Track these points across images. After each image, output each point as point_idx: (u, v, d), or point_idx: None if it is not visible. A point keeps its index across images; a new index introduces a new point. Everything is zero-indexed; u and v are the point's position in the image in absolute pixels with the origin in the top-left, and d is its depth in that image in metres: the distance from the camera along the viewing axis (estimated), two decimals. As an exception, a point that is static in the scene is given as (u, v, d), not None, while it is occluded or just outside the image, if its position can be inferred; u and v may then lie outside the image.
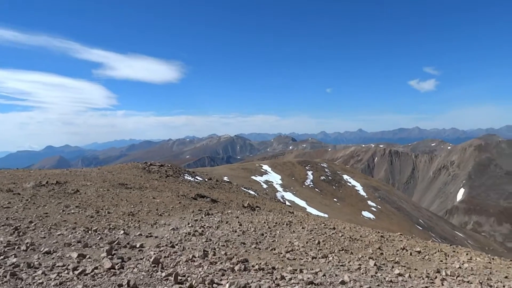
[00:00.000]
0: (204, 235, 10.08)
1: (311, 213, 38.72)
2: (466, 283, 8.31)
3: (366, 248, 10.90)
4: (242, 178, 57.57)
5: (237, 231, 11.04)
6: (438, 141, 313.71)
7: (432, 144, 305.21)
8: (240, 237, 10.34)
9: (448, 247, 14.71)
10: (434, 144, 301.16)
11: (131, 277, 6.02)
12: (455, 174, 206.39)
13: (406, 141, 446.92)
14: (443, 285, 7.69)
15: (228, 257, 7.83)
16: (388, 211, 70.92)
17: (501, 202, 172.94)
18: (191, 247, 8.66)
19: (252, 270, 7.04)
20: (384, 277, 7.59)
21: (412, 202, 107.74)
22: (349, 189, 78.14)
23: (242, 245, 9.36)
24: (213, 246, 8.92)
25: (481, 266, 10.91)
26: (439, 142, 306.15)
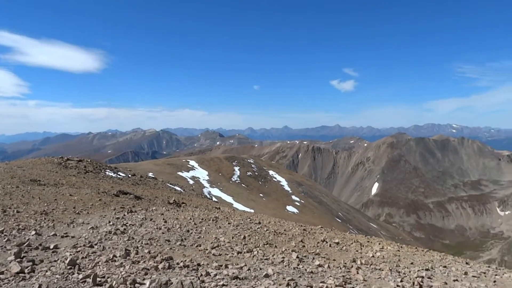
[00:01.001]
0: (126, 234, 9.68)
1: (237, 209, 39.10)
2: (378, 270, 8.99)
3: (290, 241, 11.31)
4: (168, 174, 56.26)
5: (161, 229, 10.77)
6: (356, 139, 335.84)
7: (351, 141, 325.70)
8: (165, 234, 10.10)
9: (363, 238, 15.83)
10: (352, 141, 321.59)
11: (43, 281, 5.57)
12: (371, 169, 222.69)
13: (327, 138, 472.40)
14: (358, 273, 8.25)
15: (151, 256, 7.60)
16: (311, 205, 74.34)
17: (409, 195, 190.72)
18: (112, 246, 8.26)
19: (176, 268, 6.92)
20: (306, 269, 7.93)
21: (332, 196, 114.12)
22: (275, 184, 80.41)
23: (167, 243, 9.16)
24: (136, 245, 8.59)
25: (391, 254, 11.91)
26: (357, 140, 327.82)
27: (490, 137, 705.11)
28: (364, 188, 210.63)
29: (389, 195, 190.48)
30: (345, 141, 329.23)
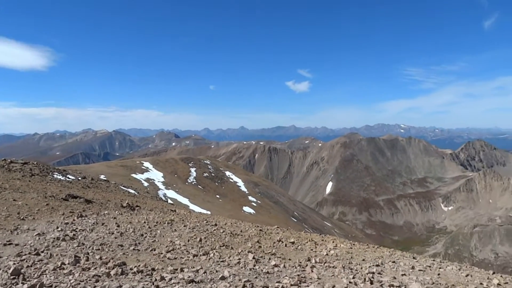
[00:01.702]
0: (76, 239, 9.26)
1: (194, 211, 38.64)
2: (332, 268, 9.25)
3: (246, 242, 11.35)
4: (121, 176, 54.48)
5: (114, 233, 10.41)
6: (311, 139, 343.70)
7: (306, 141, 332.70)
8: (118, 239, 9.78)
9: (318, 237, 16.22)
10: (307, 141, 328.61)
11: (-18, 294, 5.21)
12: (325, 169, 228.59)
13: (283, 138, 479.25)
14: (313, 271, 8.45)
15: (103, 262, 7.33)
16: (267, 206, 75.05)
17: (361, 193, 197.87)
18: (60, 253, 7.86)
19: (130, 273, 6.72)
20: (262, 269, 8.00)
21: (288, 196, 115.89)
22: (231, 185, 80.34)
23: (120, 248, 8.87)
24: (86, 251, 8.25)
25: (344, 251, 12.30)
26: (312, 140, 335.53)
27: (435, 137, 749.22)
28: (319, 187, 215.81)
29: (343, 193, 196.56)
30: (301, 141, 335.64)
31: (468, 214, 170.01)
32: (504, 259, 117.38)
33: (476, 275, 11.97)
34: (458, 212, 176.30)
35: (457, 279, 10.55)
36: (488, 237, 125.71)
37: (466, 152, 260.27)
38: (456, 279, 10.54)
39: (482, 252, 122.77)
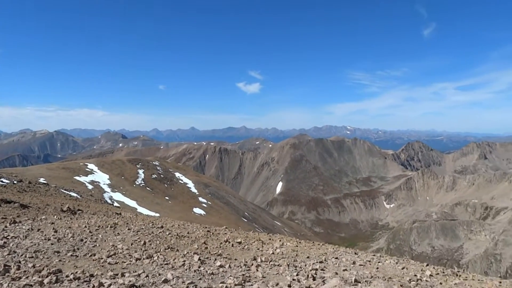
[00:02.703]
0: (6, 247, 8.65)
1: (141, 213, 37.60)
2: (277, 266, 9.41)
3: (192, 244, 11.23)
4: (63, 179, 51.65)
5: (50, 239, 9.85)
6: (262, 140, 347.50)
7: (256, 142, 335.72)
8: (54, 245, 9.26)
9: (266, 236, 16.42)
10: (258, 142, 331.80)
11: None
12: (275, 169, 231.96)
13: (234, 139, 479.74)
14: (258, 270, 8.54)
15: (36, 270, 6.91)
16: (218, 206, 74.71)
17: (310, 192, 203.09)
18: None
19: (65, 281, 6.39)
20: (207, 270, 7.95)
21: (239, 197, 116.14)
22: (181, 186, 79.06)
23: (56, 254, 8.41)
24: (18, 259, 7.73)
25: (290, 249, 12.56)
26: (262, 141, 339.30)
27: (378, 138, 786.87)
28: (269, 187, 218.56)
29: (292, 193, 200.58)
30: (251, 142, 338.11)
31: (408, 211, 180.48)
32: (439, 252, 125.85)
33: (411, 267, 12.75)
34: (399, 209, 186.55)
35: (394, 272, 11.17)
36: (425, 232, 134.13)
37: (406, 152, 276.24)
38: (393, 272, 11.16)
39: (420, 246, 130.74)
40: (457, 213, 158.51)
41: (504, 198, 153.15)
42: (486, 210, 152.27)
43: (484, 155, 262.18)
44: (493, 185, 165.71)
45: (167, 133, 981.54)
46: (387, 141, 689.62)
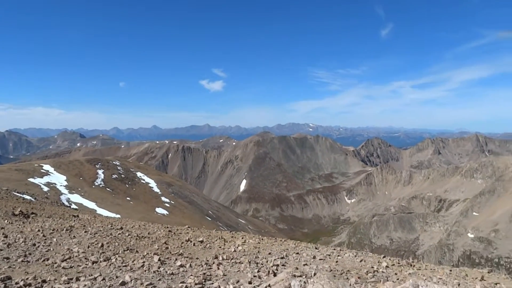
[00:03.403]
0: (-50, 255, 8.13)
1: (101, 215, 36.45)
2: (238, 263, 9.45)
3: (153, 245, 11.04)
4: (15, 181, 49.05)
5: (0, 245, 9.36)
6: (225, 138, 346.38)
7: (220, 140, 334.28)
8: (4, 251, 8.81)
9: (228, 234, 16.42)
10: (222, 140, 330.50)
11: None
12: (239, 167, 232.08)
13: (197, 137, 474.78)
14: (219, 269, 8.54)
15: (-17, 278, 6.54)
16: (181, 206, 73.76)
17: (273, 190, 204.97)
18: None
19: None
20: (166, 271, 7.86)
21: (203, 195, 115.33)
22: (143, 186, 77.36)
23: (6, 261, 8.00)
24: (-38, 267, 7.29)
25: (252, 246, 12.65)
26: (226, 139, 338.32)
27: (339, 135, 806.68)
28: (233, 185, 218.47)
29: (256, 190, 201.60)
30: (215, 140, 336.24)
31: (368, 205, 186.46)
32: (397, 244, 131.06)
33: (369, 260, 13.22)
34: (359, 204, 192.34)
35: (352, 264, 11.54)
36: (384, 225, 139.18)
37: (366, 149, 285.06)
38: (352, 264, 11.52)
39: (379, 239, 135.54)
40: (414, 206, 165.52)
41: (456, 191, 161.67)
42: (440, 203, 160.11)
43: (438, 150, 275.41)
44: (446, 179, 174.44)
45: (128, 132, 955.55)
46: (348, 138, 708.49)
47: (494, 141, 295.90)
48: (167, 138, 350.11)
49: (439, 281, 10.76)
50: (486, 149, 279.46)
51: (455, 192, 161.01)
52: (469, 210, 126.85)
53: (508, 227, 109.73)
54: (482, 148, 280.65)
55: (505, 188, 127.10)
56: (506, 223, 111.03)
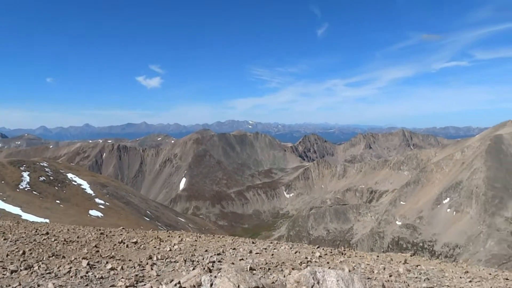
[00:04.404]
0: None
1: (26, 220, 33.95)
2: (174, 262, 9.30)
3: (82, 249, 10.49)
4: None
5: None
6: (164, 136, 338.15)
7: (158, 138, 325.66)
8: None
9: (165, 233, 16.09)
10: (160, 139, 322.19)
11: None
12: (178, 165, 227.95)
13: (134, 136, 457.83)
14: (152, 269, 8.34)
15: None
16: (117, 207, 70.83)
17: (214, 187, 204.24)
18: None
19: None
20: (95, 275, 7.51)
21: (140, 195, 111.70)
22: (75, 188, 73.12)
23: None
24: None
25: (189, 245, 12.51)
26: (164, 137, 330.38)
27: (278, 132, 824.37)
28: (172, 184, 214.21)
29: (196, 188, 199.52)
30: (153, 139, 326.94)
31: (306, 199, 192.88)
32: (333, 234, 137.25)
33: (303, 251, 13.70)
34: (298, 198, 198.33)
35: (287, 256, 11.88)
36: (321, 217, 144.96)
37: (303, 145, 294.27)
38: (287, 256, 11.86)
39: (317, 230, 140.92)
40: (348, 198, 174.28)
41: (385, 182, 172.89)
42: (372, 194, 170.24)
43: (369, 145, 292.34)
44: (376, 172, 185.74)
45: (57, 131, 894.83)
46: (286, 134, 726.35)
47: (418, 136, 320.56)
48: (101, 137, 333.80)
49: (367, 267, 11.47)
50: (411, 143, 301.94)
51: (385, 184, 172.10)
52: (397, 199, 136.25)
53: (431, 214, 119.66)
54: (408, 142, 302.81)
55: (427, 178, 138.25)
56: (429, 210, 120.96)
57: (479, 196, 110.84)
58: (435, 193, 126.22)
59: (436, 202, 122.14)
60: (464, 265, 17.64)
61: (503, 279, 13.08)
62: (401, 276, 10.34)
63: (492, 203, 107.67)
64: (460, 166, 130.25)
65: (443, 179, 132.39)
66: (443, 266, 14.48)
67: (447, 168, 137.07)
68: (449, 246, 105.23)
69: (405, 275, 10.63)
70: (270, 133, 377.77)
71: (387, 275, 10.19)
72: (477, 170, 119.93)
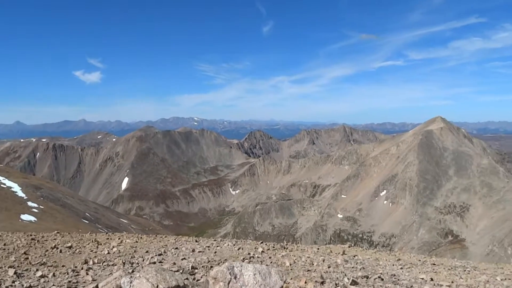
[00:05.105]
0: None
1: None
2: (111, 266, 8.96)
3: (8, 257, 9.77)
4: None
5: None
6: (104, 134, 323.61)
7: (98, 136, 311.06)
8: None
9: (104, 236, 15.46)
10: (100, 137, 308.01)
11: None
12: (120, 164, 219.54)
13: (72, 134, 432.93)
14: (88, 274, 7.97)
15: None
16: (53, 210, 66.64)
17: (158, 186, 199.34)
18: None
19: None
20: (23, 284, 7.04)
21: (78, 197, 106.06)
22: (4, 191, 67.63)
23: None
24: None
25: (129, 246, 12.12)
26: (105, 135, 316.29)
27: (224, 128, 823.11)
28: (114, 184, 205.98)
29: (139, 188, 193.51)
30: (92, 137, 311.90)
31: (252, 195, 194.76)
32: (279, 229, 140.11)
33: (246, 247, 13.85)
34: (243, 194, 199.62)
35: (230, 253, 11.93)
36: (266, 213, 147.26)
37: (249, 141, 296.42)
38: (230, 253, 11.92)
39: (262, 226, 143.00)
40: (292, 193, 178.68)
41: (328, 177, 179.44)
42: (315, 188, 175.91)
43: (313, 141, 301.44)
44: (319, 167, 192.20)
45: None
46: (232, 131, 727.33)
47: (358, 131, 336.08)
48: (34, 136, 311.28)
49: (307, 259, 11.86)
50: (351, 138, 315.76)
51: (327, 178, 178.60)
52: (338, 193, 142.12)
53: (369, 205, 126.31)
54: (348, 137, 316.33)
55: (366, 172, 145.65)
56: (368, 203, 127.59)
57: (412, 188, 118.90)
58: (373, 186, 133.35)
59: (374, 195, 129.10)
60: (397, 253, 18.86)
61: (431, 264, 14.17)
62: (338, 267, 10.81)
63: (424, 194, 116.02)
64: (396, 160, 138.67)
65: (380, 172, 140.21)
66: (378, 255, 15.38)
67: (384, 162, 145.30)
68: (385, 236, 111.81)
69: (343, 266, 11.13)
70: (216, 130, 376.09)
71: (326, 267, 10.60)
72: (411, 163, 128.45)
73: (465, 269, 13.11)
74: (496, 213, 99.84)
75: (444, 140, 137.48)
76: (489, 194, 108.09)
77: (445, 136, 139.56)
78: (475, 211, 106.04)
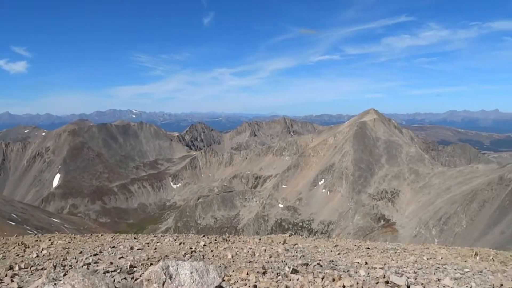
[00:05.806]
0: None
1: None
2: (41, 270, 8.35)
3: None
4: None
5: None
6: (32, 127, 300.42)
7: (25, 130, 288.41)
8: None
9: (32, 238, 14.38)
10: (27, 131, 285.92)
11: None
12: (51, 160, 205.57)
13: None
14: (13, 281, 7.35)
15: None
16: (-28, 211, 60.97)
17: (93, 182, 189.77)
18: None
19: None
20: None
21: (3, 197, 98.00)
22: None
23: None
24: None
25: (60, 248, 11.37)
26: (33, 129, 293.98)
27: (164, 121, 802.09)
28: (44, 181, 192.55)
29: (73, 185, 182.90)
30: (18, 131, 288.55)
31: (193, 188, 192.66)
32: (221, 222, 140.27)
33: (188, 241, 13.64)
34: (185, 188, 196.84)
35: (171, 249, 11.67)
36: (209, 205, 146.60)
37: (190, 134, 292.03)
38: (171, 249, 11.65)
39: (205, 219, 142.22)
40: (234, 185, 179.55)
41: (269, 168, 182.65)
42: (257, 180, 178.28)
43: (254, 132, 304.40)
44: (261, 158, 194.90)
45: None
46: (173, 124, 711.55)
47: (297, 123, 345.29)
48: None
49: (249, 251, 11.95)
50: (291, 130, 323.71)
51: (269, 169, 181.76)
52: (279, 183, 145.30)
53: (308, 194, 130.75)
54: (289, 129, 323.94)
55: (305, 162, 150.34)
56: (307, 192, 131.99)
57: (348, 176, 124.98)
58: (312, 176, 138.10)
59: (313, 184, 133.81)
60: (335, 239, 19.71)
61: (365, 248, 14.98)
62: (280, 256, 11.02)
63: (359, 182, 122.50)
64: (333, 150, 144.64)
65: (319, 162, 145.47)
66: (317, 243, 15.93)
67: (322, 152, 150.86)
68: (324, 223, 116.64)
69: (284, 255, 11.36)
70: (155, 123, 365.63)
71: (267, 257, 10.76)
72: (347, 153, 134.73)
73: (396, 251, 14.04)
74: (422, 198, 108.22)
75: (376, 130, 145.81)
76: (416, 180, 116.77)
77: (378, 127, 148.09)
78: (404, 196, 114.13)
